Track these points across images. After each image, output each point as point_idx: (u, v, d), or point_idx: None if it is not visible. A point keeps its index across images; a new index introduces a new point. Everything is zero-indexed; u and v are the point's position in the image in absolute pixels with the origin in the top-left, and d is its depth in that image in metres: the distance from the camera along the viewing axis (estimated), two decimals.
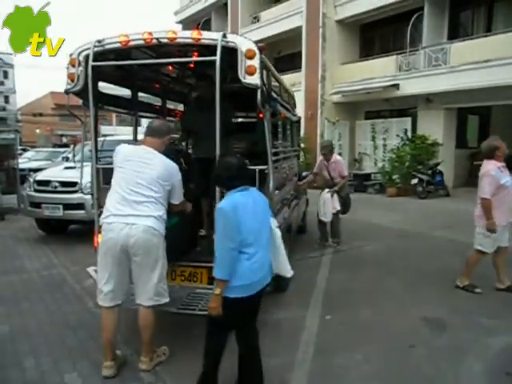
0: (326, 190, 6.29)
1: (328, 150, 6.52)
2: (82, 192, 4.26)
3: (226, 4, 21.48)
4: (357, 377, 3.14)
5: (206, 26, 23.85)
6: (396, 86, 13.59)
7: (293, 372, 3.17)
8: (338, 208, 6.37)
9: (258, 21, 19.51)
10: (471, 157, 14.23)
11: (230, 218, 2.46)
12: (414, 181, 12.38)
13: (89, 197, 5.50)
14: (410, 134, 13.75)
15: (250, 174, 2.78)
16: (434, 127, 13.27)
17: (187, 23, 25.44)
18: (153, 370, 3.19)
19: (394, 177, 13.18)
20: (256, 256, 2.56)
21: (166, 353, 3.32)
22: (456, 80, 11.95)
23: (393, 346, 3.60)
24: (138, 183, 3.00)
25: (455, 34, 13.62)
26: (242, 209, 2.51)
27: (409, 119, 14.07)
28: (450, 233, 7.67)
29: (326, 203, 6.28)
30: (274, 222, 2.78)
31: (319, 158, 6.85)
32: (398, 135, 14.07)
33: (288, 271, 2.94)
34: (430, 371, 3.20)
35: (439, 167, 12.57)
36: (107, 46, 3.44)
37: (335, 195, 6.35)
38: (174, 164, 3.17)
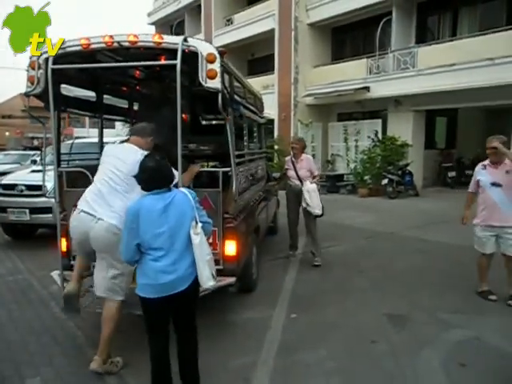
0: (308, 181, 5.68)
1: (302, 145, 5.97)
2: (46, 197, 4.21)
3: (199, 6, 21.46)
4: (319, 373, 3.21)
5: (180, 28, 23.78)
6: (367, 89, 13.87)
7: (256, 370, 3.21)
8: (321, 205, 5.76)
9: (232, 23, 19.58)
10: (440, 157, 14.65)
11: (131, 220, 2.55)
12: (385, 181, 12.64)
13: None
14: (380, 135, 14.05)
15: (167, 177, 2.69)
16: (404, 129, 13.59)
17: (160, 25, 25.32)
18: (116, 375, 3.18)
19: (366, 177, 13.44)
20: (164, 259, 2.56)
21: (119, 365, 3.23)
22: (423, 83, 12.30)
23: (356, 342, 3.70)
24: (111, 179, 3.14)
25: (422, 38, 14.00)
26: (145, 213, 2.54)
27: (379, 121, 14.37)
28: (419, 232, 7.89)
29: (314, 194, 5.63)
30: (195, 228, 2.62)
31: (287, 157, 6.28)
32: (369, 137, 14.35)
33: (204, 282, 2.66)
34: (389, 365, 3.31)
35: (409, 168, 12.88)
36: (68, 49, 3.43)
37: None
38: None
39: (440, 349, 3.54)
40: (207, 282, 2.68)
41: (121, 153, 3.25)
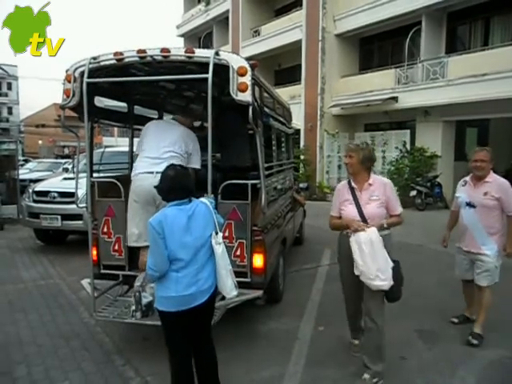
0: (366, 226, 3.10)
1: (361, 156, 3.22)
2: (77, 205, 4.32)
3: (227, 18, 21.78)
4: None
5: (208, 40, 24.16)
6: (395, 99, 13.70)
7: (283, 383, 3.17)
8: (392, 264, 3.16)
9: (259, 34, 19.75)
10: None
11: (155, 232, 2.48)
12: (413, 193, 12.41)
13: None
14: (408, 146, 13.82)
15: (188, 187, 2.66)
16: (433, 140, 13.35)
17: (189, 37, 25.78)
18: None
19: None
20: (186, 270, 2.53)
21: None
22: (454, 93, 12.06)
23: (386, 357, 3.60)
24: (163, 142, 3.66)
25: (453, 47, 13.77)
26: (169, 224, 2.49)
27: (407, 131, 14.15)
28: (448, 245, 7.65)
29: (372, 248, 3.04)
30: (216, 238, 2.63)
31: (341, 182, 3.57)
32: (396, 147, 14.14)
33: (227, 292, 2.67)
34: (420, 383, 3.21)
35: (438, 179, 12.62)
36: (102, 63, 3.52)
37: (380, 238, 3.09)
38: (191, 132, 3.91)
39: (474, 368, 3.41)
40: (231, 291, 2.69)
41: (165, 126, 3.91)
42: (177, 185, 2.61)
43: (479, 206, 3.81)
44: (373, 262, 3.03)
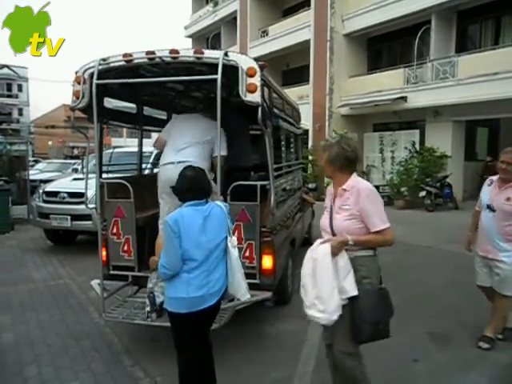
0: (320, 240, 2.60)
1: (328, 155, 2.58)
2: (87, 206, 4.33)
3: (235, 19, 21.81)
4: None
5: (216, 40, 24.21)
6: (404, 99, 13.62)
7: None
8: (354, 293, 2.42)
9: (267, 35, 19.75)
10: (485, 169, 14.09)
11: (171, 231, 2.46)
12: (422, 193, 12.31)
13: None
14: (418, 146, 13.73)
15: (204, 188, 2.66)
16: (443, 140, 13.24)
17: (197, 37, 25.87)
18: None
19: (402, 189, 13.13)
20: (198, 271, 2.51)
21: None
22: (464, 93, 11.96)
23: (396, 360, 3.56)
24: (184, 133, 3.78)
25: (463, 46, 13.66)
26: (185, 223, 2.48)
27: (417, 131, 14.06)
28: (458, 246, 7.57)
29: (321, 273, 2.45)
30: (231, 242, 2.64)
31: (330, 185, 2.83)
32: (406, 147, 14.06)
33: (242, 295, 2.69)
34: None
35: (448, 180, 12.51)
36: (112, 64, 3.53)
37: (346, 259, 2.46)
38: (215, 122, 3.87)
39: (485, 372, 3.36)
40: (245, 294, 2.70)
41: (191, 119, 4.04)
42: (195, 185, 2.62)
43: (499, 210, 3.57)
44: (312, 287, 2.47)
